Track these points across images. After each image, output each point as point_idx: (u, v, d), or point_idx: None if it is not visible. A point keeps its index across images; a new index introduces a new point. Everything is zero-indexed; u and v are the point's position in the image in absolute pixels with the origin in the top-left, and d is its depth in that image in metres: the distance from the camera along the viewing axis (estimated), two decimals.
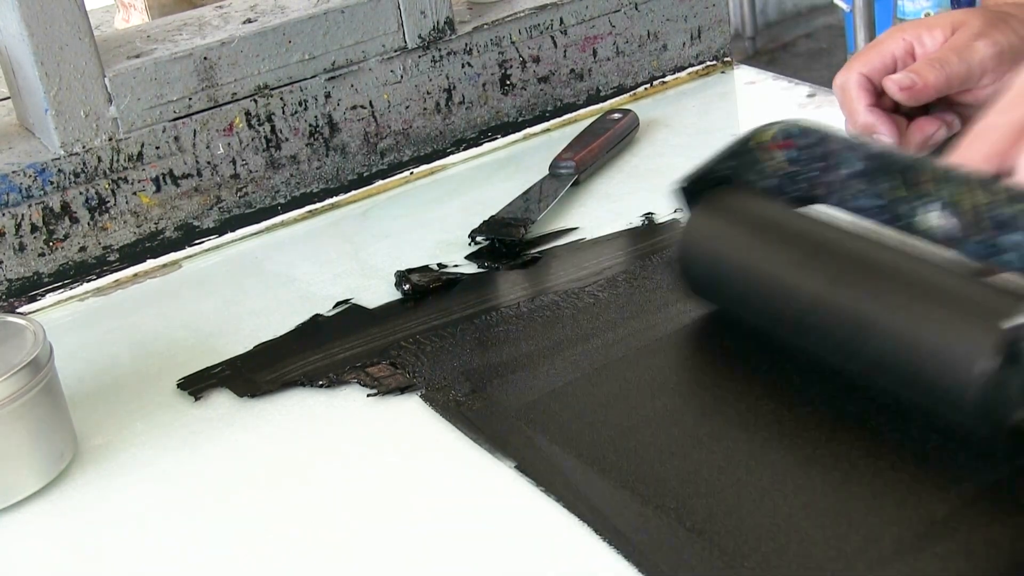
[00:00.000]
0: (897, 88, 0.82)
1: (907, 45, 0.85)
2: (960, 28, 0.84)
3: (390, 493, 0.69)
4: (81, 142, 0.93)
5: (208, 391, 0.81)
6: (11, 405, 0.70)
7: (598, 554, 0.62)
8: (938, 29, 0.84)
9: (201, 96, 0.97)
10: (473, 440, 0.72)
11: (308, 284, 0.93)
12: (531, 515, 0.65)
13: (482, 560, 0.63)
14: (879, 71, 0.85)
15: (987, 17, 0.84)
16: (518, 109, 1.11)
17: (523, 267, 0.90)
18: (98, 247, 0.96)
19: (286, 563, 0.65)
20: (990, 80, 0.82)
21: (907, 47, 0.85)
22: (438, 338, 0.82)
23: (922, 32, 0.85)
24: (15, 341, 0.73)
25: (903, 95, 0.83)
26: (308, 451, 0.74)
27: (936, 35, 0.84)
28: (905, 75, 0.82)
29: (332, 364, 0.81)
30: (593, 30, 1.12)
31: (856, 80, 0.85)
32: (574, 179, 1.00)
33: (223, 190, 1.00)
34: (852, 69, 0.85)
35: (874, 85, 0.85)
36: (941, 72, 0.82)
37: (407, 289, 0.88)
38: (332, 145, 1.03)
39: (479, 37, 1.07)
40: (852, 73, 0.85)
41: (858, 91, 0.85)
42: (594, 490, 0.66)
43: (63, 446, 0.74)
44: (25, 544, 0.70)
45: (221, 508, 0.70)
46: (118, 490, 0.73)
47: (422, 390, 0.77)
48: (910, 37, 0.85)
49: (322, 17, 1.00)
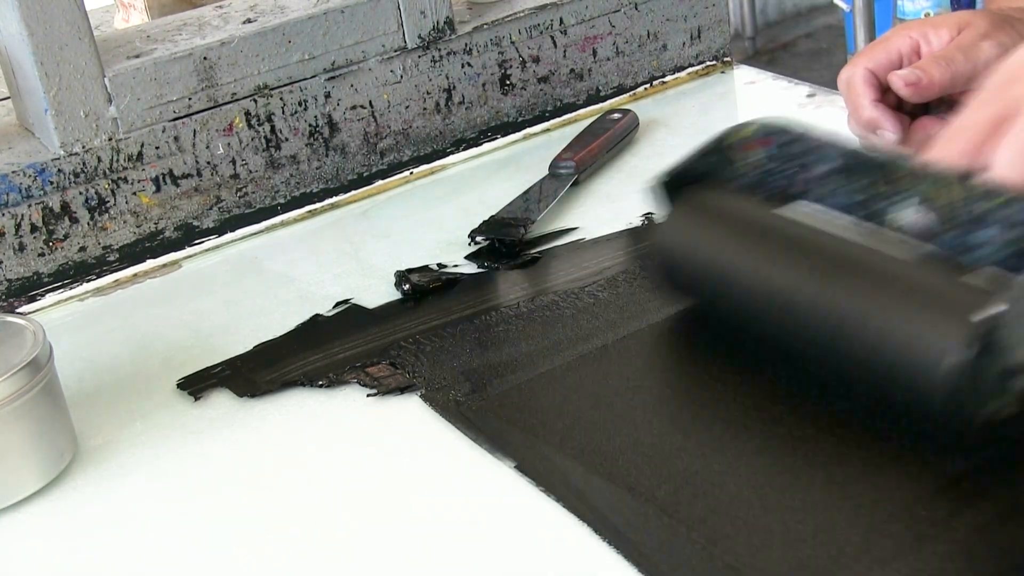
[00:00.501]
0: (903, 83, 0.82)
1: (913, 43, 0.85)
2: (966, 28, 0.84)
3: (390, 493, 0.69)
4: (81, 142, 0.93)
5: (208, 391, 0.81)
6: (11, 405, 0.70)
7: (598, 554, 0.62)
8: (944, 28, 0.84)
9: (201, 96, 0.97)
10: (473, 440, 0.72)
11: (308, 284, 0.93)
12: (531, 515, 0.65)
13: (482, 560, 0.63)
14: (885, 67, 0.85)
15: (993, 19, 0.84)
16: (518, 109, 1.11)
17: (523, 267, 0.90)
18: (98, 247, 0.96)
19: (286, 563, 0.65)
20: None
21: (913, 45, 0.85)
22: (438, 338, 0.82)
23: (928, 31, 0.85)
24: (15, 341, 0.73)
25: (908, 91, 0.83)
26: (308, 451, 0.74)
27: (942, 34, 0.84)
28: (911, 71, 0.83)
29: (332, 364, 0.81)
30: (593, 30, 1.12)
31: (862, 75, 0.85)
32: (574, 179, 1.00)
33: (223, 190, 1.00)
34: (858, 64, 0.85)
35: (879, 81, 0.85)
36: (947, 70, 0.82)
37: (407, 289, 0.88)
38: (332, 145, 1.03)
39: (479, 37, 1.07)
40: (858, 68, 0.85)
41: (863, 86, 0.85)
42: (594, 490, 0.65)
43: (63, 446, 0.74)
44: (25, 544, 0.70)
45: (221, 508, 0.70)
46: (118, 490, 0.73)
47: (422, 390, 0.77)
48: (916, 35, 0.85)
49: (322, 17, 1.00)
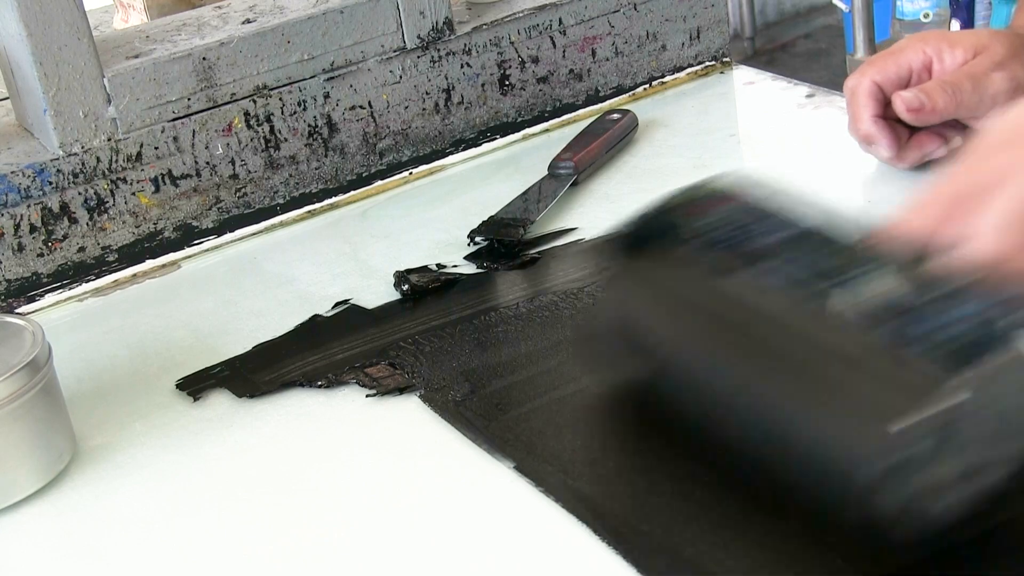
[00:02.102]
0: (905, 108, 0.82)
1: (926, 59, 0.83)
2: (982, 53, 0.82)
3: (389, 493, 0.69)
4: (80, 142, 0.93)
5: (207, 391, 0.81)
6: (10, 405, 0.70)
7: (598, 554, 0.62)
8: (960, 49, 0.83)
9: (200, 96, 0.97)
10: (472, 440, 0.72)
11: (307, 284, 0.93)
12: (530, 515, 0.65)
13: (481, 560, 0.63)
14: (893, 81, 0.84)
15: (1013, 45, 0.82)
16: (517, 109, 1.11)
17: (522, 267, 0.90)
18: (97, 247, 0.96)
19: (285, 563, 0.65)
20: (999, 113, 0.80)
21: (926, 61, 0.83)
22: (437, 338, 0.82)
23: (944, 48, 0.83)
24: (14, 342, 0.73)
25: (910, 116, 0.82)
26: (307, 451, 0.74)
27: (957, 54, 0.83)
28: (915, 95, 0.81)
29: (331, 364, 0.81)
30: (592, 30, 1.12)
31: (867, 87, 0.84)
32: (573, 179, 1.00)
33: (222, 190, 1.00)
34: (866, 75, 0.84)
35: (884, 94, 0.84)
36: (952, 99, 0.81)
37: (406, 289, 0.88)
38: (331, 145, 1.03)
39: (478, 37, 1.07)
40: (864, 79, 0.84)
41: (866, 99, 0.84)
42: (593, 490, 0.65)
43: (62, 446, 0.74)
44: (24, 544, 0.70)
45: (220, 508, 0.70)
46: (117, 490, 0.73)
47: (421, 390, 0.77)
48: (931, 51, 0.83)
49: (321, 17, 1.00)
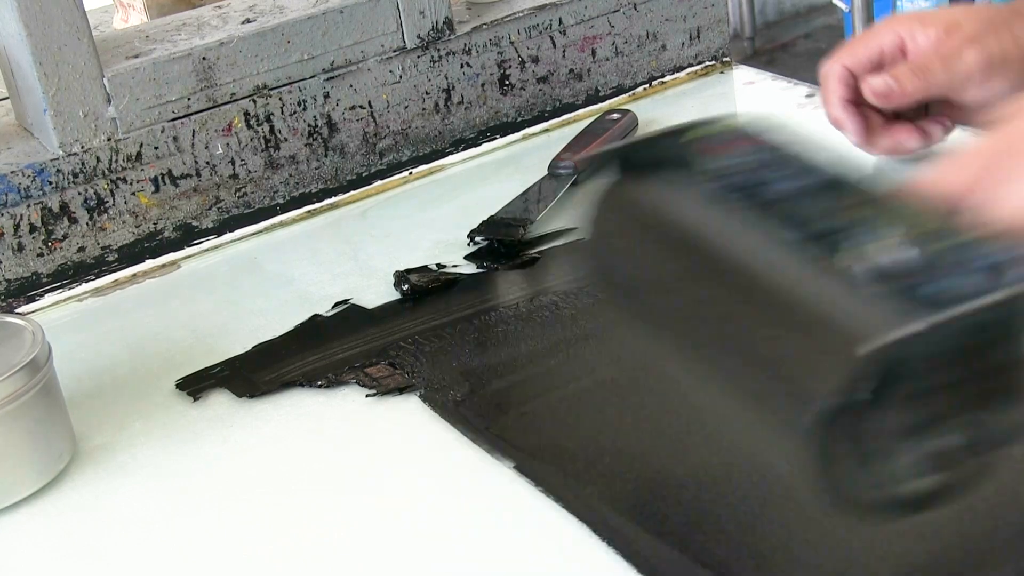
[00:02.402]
0: (873, 93, 0.82)
1: (898, 40, 0.84)
2: (955, 29, 0.83)
3: (389, 493, 0.69)
4: (80, 142, 0.93)
5: (207, 391, 0.81)
6: (10, 405, 0.70)
7: (598, 554, 0.62)
8: (932, 27, 0.83)
9: (200, 96, 0.97)
10: (472, 440, 0.72)
11: (307, 284, 0.93)
12: (530, 515, 0.65)
13: (482, 560, 0.63)
14: (863, 65, 0.84)
15: (987, 19, 0.82)
16: (517, 109, 1.11)
17: (522, 267, 0.90)
18: (97, 247, 0.96)
19: (285, 563, 0.65)
20: (975, 88, 0.81)
21: (898, 42, 0.84)
22: (437, 338, 0.82)
23: (915, 28, 0.83)
24: (14, 341, 0.73)
25: (878, 101, 0.82)
26: (307, 451, 0.74)
27: (930, 33, 0.83)
28: (883, 81, 0.82)
29: (331, 364, 0.81)
30: (592, 30, 1.12)
31: (837, 72, 0.84)
32: (573, 179, 1.00)
33: (222, 190, 1.00)
34: (837, 60, 0.85)
35: (855, 78, 0.84)
36: (921, 81, 0.81)
37: (406, 289, 0.88)
38: (331, 145, 1.03)
39: (478, 37, 1.07)
40: (835, 64, 0.84)
41: (835, 83, 0.84)
42: (593, 490, 0.65)
43: (62, 446, 0.74)
44: (24, 544, 0.70)
45: (220, 508, 0.70)
46: (117, 490, 0.73)
47: (421, 390, 0.77)
48: (903, 31, 0.84)
49: (321, 17, 1.00)
